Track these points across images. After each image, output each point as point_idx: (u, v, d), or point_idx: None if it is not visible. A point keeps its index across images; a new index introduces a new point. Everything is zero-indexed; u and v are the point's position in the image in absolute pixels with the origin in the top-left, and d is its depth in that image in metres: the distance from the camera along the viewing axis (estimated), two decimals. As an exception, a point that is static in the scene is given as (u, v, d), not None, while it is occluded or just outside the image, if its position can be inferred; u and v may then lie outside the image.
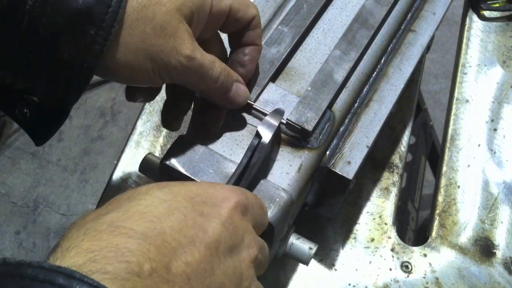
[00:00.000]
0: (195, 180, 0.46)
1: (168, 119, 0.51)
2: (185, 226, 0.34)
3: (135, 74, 0.41)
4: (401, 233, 0.90)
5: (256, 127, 0.46)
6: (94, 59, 0.38)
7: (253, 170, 0.45)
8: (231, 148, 0.49)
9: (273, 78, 0.54)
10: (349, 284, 0.61)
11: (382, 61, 0.60)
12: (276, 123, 0.46)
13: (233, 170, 0.47)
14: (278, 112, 0.48)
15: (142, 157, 0.55)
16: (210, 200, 0.37)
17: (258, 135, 0.45)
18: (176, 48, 0.41)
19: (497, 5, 0.82)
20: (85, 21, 0.37)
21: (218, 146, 0.49)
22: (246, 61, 0.49)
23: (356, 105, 0.56)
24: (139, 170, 0.55)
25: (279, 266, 0.62)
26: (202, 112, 0.50)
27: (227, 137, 0.50)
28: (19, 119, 0.41)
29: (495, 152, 0.71)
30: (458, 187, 0.68)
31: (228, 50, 0.51)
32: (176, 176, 0.47)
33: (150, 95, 0.50)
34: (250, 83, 0.51)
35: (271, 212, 0.45)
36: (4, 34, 0.36)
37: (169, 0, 0.40)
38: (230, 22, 0.47)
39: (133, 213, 0.33)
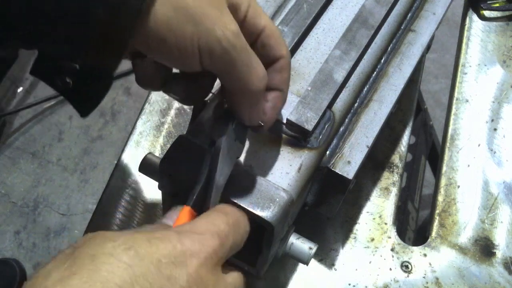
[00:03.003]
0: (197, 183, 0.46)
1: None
2: None
3: (172, 39, 0.36)
4: (401, 233, 0.90)
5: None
6: (131, 17, 0.34)
7: (220, 181, 0.42)
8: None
9: (273, 78, 0.54)
10: (349, 284, 0.61)
11: (382, 61, 0.60)
12: (230, 122, 0.43)
13: (233, 171, 0.47)
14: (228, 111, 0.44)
15: (142, 157, 0.55)
16: (178, 259, 0.34)
17: (213, 142, 0.42)
18: (222, 19, 0.37)
19: (497, 5, 0.83)
20: None
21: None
22: (267, 108, 0.43)
23: (356, 105, 0.56)
24: (139, 170, 0.55)
25: (279, 266, 0.62)
26: (194, 80, 0.45)
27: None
28: (61, 89, 0.38)
29: (495, 152, 0.71)
30: (458, 187, 0.68)
31: None
32: (176, 176, 0.47)
33: (185, 92, 0.45)
34: None
35: (271, 212, 0.45)
36: None
37: None
38: (258, 46, 0.41)
39: (94, 281, 0.31)
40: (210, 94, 0.50)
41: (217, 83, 0.46)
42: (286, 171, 0.48)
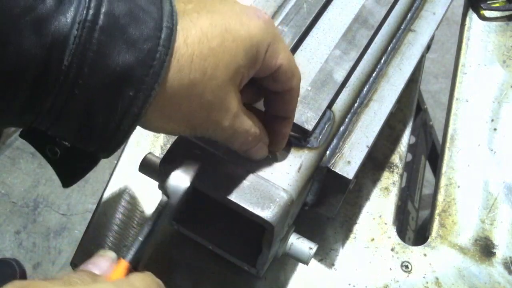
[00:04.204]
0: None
1: None
2: None
3: (169, 133, 0.41)
4: (401, 233, 0.90)
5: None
6: (131, 122, 0.35)
7: (155, 236, 0.41)
8: (230, 149, 0.49)
9: (273, 78, 0.54)
10: (349, 284, 0.61)
11: (382, 61, 0.60)
12: (185, 182, 0.43)
13: (233, 171, 0.47)
14: (192, 164, 0.45)
15: (142, 157, 0.55)
16: None
17: (166, 194, 0.42)
18: (217, 121, 0.39)
19: (497, 5, 0.83)
20: (124, 82, 0.34)
21: (218, 148, 0.49)
22: (278, 139, 0.47)
23: (356, 105, 0.56)
24: (139, 170, 0.55)
25: (279, 266, 0.62)
26: None
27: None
28: (49, 158, 0.40)
29: (495, 152, 0.71)
30: (458, 187, 0.68)
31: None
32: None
33: None
34: None
35: (271, 212, 0.45)
36: (38, 90, 0.33)
37: (223, 71, 0.37)
38: (270, 79, 0.43)
39: None
40: None
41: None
42: (286, 171, 0.48)
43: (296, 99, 0.45)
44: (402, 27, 0.63)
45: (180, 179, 0.43)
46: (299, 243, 0.53)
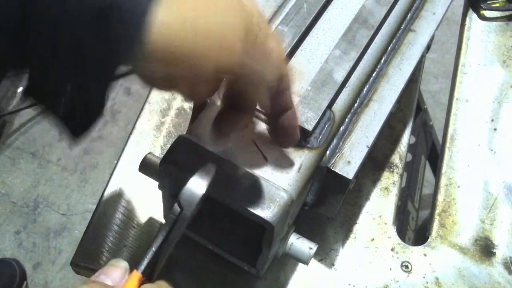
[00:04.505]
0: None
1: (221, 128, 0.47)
2: None
3: (169, 75, 0.37)
4: (401, 233, 0.90)
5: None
6: (129, 47, 0.33)
7: (171, 247, 0.41)
8: (230, 149, 0.49)
9: (273, 78, 0.54)
10: (349, 284, 0.61)
11: (382, 61, 0.60)
12: (200, 192, 0.42)
13: (233, 171, 0.47)
14: (207, 173, 0.43)
15: (142, 157, 0.55)
16: None
17: (179, 205, 0.41)
18: (231, 41, 0.37)
19: (497, 5, 0.83)
20: (114, 13, 0.32)
21: (218, 148, 0.49)
22: (286, 127, 0.46)
23: (356, 105, 0.56)
24: (139, 170, 0.55)
25: (279, 266, 0.62)
26: (221, 117, 0.47)
27: (227, 138, 0.50)
28: (54, 112, 0.38)
29: (495, 152, 0.71)
30: (458, 187, 0.68)
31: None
32: (176, 176, 0.47)
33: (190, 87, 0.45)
34: None
35: (271, 212, 0.45)
36: (24, 31, 0.32)
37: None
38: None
39: None
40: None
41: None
42: (286, 171, 0.48)
43: (292, 85, 0.45)
44: (402, 27, 0.63)
45: (195, 188, 0.42)
46: (299, 243, 0.53)
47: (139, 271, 0.38)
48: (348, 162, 0.52)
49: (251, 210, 0.45)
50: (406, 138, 0.71)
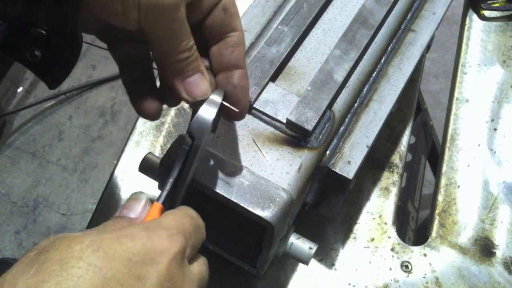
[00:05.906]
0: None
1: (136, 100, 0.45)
2: None
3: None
4: (401, 233, 0.90)
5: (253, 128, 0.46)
6: None
7: (188, 175, 0.41)
8: (231, 149, 0.49)
9: (273, 78, 0.54)
10: (349, 284, 0.61)
11: (382, 60, 0.60)
12: (210, 118, 0.41)
13: (233, 171, 0.47)
14: (214, 103, 0.42)
15: (142, 157, 0.55)
16: (148, 256, 0.34)
17: (191, 136, 0.41)
18: None
19: (497, 5, 0.83)
20: None
21: (219, 148, 0.49)
22: (238, 93, 0.43)
23: (356, 105, 0.56)
24: (139, 170, 0.55)
25: (279, 266, 0.62)
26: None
27: (227, 138, 0.50)
28: (31, 62, 0.38)
29: (495, 152, 0.71)
30: (458, 187, 0.68)
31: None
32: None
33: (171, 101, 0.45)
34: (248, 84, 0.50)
35: (271, 212, 0.45)
36: None
37: None
38: (209, 21, 0.42)
39: None
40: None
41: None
42: (286, 171, 0.48)
43: (243, 44, 0.43)
44: (402, 27, 0.63)
45: (204, 116, 0.41)
46: (299, 243, 0.53)
47: (159, 202, 0.39)
48: (348, 162, 0.52)
49: (251, 209, 0.45)
50: (406, 138, 0.71)
